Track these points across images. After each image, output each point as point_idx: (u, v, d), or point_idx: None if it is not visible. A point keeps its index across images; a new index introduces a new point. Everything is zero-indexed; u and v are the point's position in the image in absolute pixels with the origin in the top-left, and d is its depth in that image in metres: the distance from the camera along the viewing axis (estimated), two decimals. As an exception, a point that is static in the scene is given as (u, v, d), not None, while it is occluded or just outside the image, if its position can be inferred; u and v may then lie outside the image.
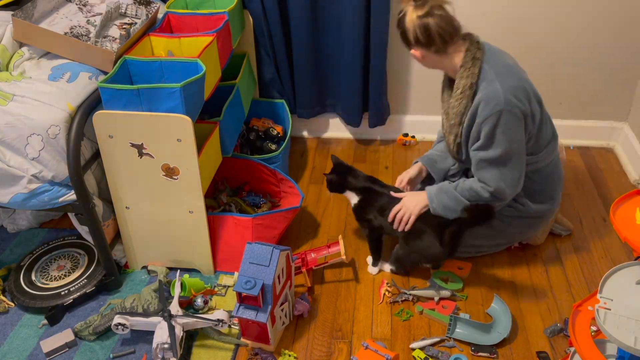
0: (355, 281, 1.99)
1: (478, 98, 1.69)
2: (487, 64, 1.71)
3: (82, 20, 1.98)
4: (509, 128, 1.67)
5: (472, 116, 1.72)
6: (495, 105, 1.65)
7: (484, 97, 1.68)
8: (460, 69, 1.73)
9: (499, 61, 1.73)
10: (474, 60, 1.71)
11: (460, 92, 1.73)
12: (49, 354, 1.73)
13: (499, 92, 1.65)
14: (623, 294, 1.25)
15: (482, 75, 1.70)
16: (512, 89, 1.67)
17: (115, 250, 2.00)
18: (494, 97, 1.66)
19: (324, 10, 2.39)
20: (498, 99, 1.65)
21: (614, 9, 2.31)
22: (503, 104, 1.65)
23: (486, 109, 1.67)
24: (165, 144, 1.71)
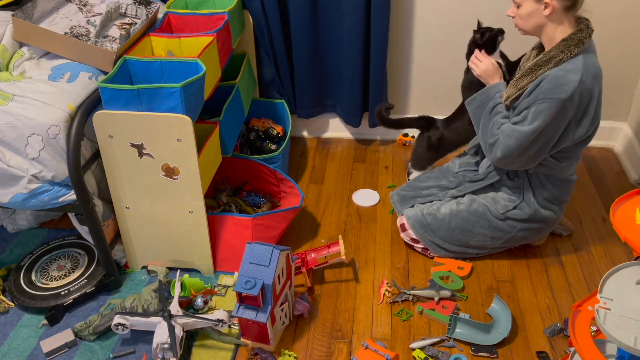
0: (355, 281, 1.99)
1: (553, 72, 1.66)
2: (585, 55, 1.66)
3: (82, 20, 1.98)
4: (556, 117, 1.66)
5: (535, 86, 1.69)
6: (560, 94, 1.62)
7: (557, 76, 1.64)
8: (562, 41, 1.66)
9: (594, 59, 1.68)
10: (578, 43, 1.65)
11: (545, 59, 1.69)
12: (49, 354, 1.73)
13: (573, 84, 1.62)
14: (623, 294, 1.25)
15: (573, 60, 1.65)
16: (587, 89, 1.64)
17: (115, 250, 2.00)
18: (566, 84, 1.62)
19: (324, 10, 2.39)
20: (567, 89, 1.62)
21: (614, 8, 2.31)
22: (568, 96, 1.62)
23: (550, 90, 1.64)
24: (165, 144, 1.71)
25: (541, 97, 1.66)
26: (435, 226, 1.97)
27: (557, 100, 1.63)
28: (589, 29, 1.69)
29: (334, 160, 2.65)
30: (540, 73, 1.70)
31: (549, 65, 1.68)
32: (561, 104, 1.63)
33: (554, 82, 1.64)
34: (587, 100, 1.67)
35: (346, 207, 2.34)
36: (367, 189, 2.44)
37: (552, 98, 1.64)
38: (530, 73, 1.73)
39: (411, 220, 2.01)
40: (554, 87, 1.64)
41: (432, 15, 2.42)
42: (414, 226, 2.01)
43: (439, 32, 2.46)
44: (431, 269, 2.01)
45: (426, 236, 1.99)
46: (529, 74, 1.73)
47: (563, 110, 1.65)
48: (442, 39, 2.48)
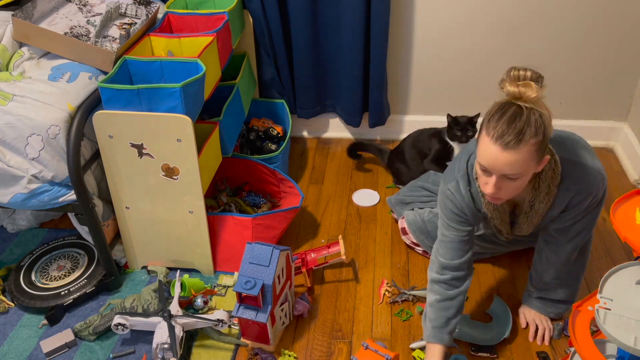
0: (355, 281, 1.99)
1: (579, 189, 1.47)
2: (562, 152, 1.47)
3: (82, 20, 1.98)
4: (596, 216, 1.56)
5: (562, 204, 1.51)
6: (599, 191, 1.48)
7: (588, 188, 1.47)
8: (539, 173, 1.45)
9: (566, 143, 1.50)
10: (553, 157, 1.45)
11: (545, 194, 1.48)
12: (49, 354, 1.73)
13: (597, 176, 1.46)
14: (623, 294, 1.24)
15: (566, 168, 1.46)
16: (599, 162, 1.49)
17: (115, 250, 2.00)
18: (597, 181, 1.47)
19: (324, 10, 2.39)
20: (601, 182, 1.47)
21: (614, 8, 2.31)
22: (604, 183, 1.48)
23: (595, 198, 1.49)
24: (165, 144, 1.71)
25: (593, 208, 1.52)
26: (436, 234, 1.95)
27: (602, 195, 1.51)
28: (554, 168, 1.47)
29: (334, 160, 2.65)
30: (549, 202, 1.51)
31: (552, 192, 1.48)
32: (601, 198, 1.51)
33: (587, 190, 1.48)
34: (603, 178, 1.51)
35: (346, 207, 2.34)
36: (368, 189, 2.44)
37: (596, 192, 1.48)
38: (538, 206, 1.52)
39: (412, 227, 2.01)
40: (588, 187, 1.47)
41: (432, 15, 2.42)
42: (414, 232, 2.00)
43: (439, 31, 2.46)
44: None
45: (427, 242, 1.99)
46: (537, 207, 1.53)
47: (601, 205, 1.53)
48: (442, 39, 2.48)
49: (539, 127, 1.28)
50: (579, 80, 2.51)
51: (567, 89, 2.55)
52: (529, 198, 1.52)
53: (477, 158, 1.37)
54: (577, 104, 2.58)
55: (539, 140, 1.29)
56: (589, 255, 1.73)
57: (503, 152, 1.29)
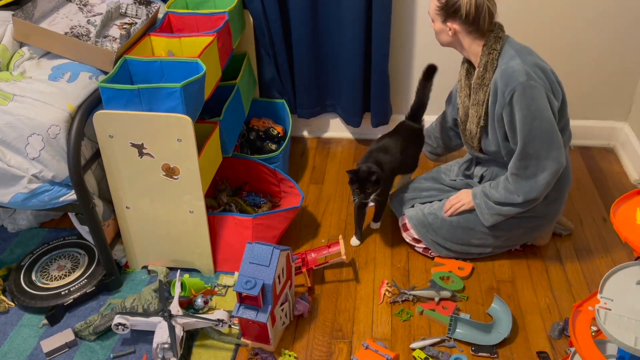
0: (355, 281, 1.99)
1: (497, 72, 1.71)
2: (509, 43, 1.74)
3: (82, 20, 1.98)
4: (535, 101, 1.67)
5: (494, 93, 1.73)
6: (517, 79, 1.65)
7: (503, 71, 1.69)
8: (483, 47, 1.74)
9: (520, 44, 1.76)
10: (496, 39, 1.73)
11: (482, 68, 1.75)
12: (49, 353, 1.73)
13: (520, 66, 1.66)
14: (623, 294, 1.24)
15: (503, 53, 1.72)
16: (532, 65, 1.69)
17: (115, 250, 2.00)
18: (514, 71, 1.67)
19: (325, 10, 2.39)
20: (519, 72, 1.66)
21: (614, 8, 2.31)
22: (526, 76, 1.65)
23: (507, 83, 1.67)
24: (165, 144, 1.71)
25: (506, 94, 1.68)
26: (437, 225, 1.96)
27: (519, 85, 1.65)
28: (497, 25, 1.76)
29: (334, 160, 2.65)
30: (487, 81, 1.75)
31: (487, 69, 1.75)
32: (526, 85, 1.65)
33: (505, 76, 1.69)
34: (542, 72, 1.70)
35: (346, 207, 2.34)
36: (368, 189, 2.44)
37: (514, 87, 1.66)
38: (479, 86, 1.77)
39: (413, 221, 2.01)
40: (509, 80, 1.67)
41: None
42: (415, 226, 2.01)
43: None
44: (432, 269, 2.01)
45: (428, 236, 1.99)
46: (479, 88, 1.78)
47: (532, 89, 1.66)
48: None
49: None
50: (579, 80, 2.51)
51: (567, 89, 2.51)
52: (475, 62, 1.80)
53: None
54: (577, 104, 2.58)
55: (441, 4, 1.73)
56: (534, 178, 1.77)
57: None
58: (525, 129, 1.69)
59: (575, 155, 2.59)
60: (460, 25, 1.74)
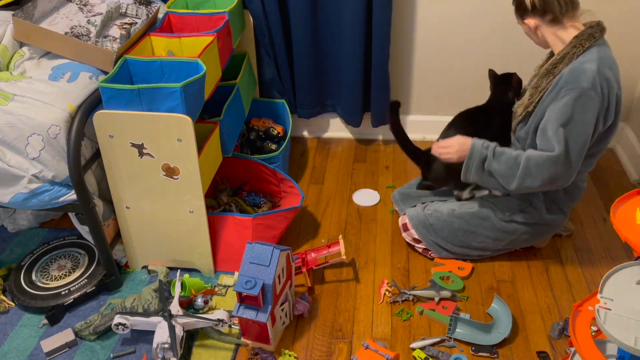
0: (355, 281, 1.99)
1: (568, 66, 1.66)
2: (598, 47, 1.66)
3: (82, 20, 1.98)
4: (584, 109, 1.61)
5: (555, 85, 1.68)
6: (581, 82, 1.60)
7: (574, 69, 1.64)
8: (573, 39, 1.67)
9: (609, 52, 1.69)
10: (589, 37, 1.66)
11: (560, 57, 1.69)
12: (49, 353, 1.73)
13: (590, 72, 1.60)
14: (623, 294, 1.24)
15: (587, 53, 1.65)
16: (604, 79, 1.62)
17: (115, 250, 2.00)
18: (583, 72, 1.61)
19: (325, 9, 2.39)
20: (587, 78, 1.60)
21: (613, 9, 2.31)
22: (590, 84, 1.59)
23: (570, 81, 1.62)
24: (165, 144, 1.71)
25: (563, 91, 1.63)
26: (438, 227, 1.96)
27: (579, 89, 1.60)
28: (599, 26, 1.69)
29: (335, 160, 2.65)
30: (557, 71, 1.69)
31: (563, 60, 1.68)
32: (585, 92, 1.60)
33: (572, 74, 1.63)
34: (608, 91, 1.63)
35: (346, 207, 2.34)
36: (368, 189, 2.44)
37: (574, 88, 1.61)
38: (547, 74, 1.73)
39: (414, 221, 2.01)
40: (574, 79, 1.62)
41: (433, 14, 2.42)
42: (416, 226, 2.00)
43: (440, 31, 2.46)
44: (432, 269, 2.01)
45: (429, 237, 1.99)
46: (546, 75, 1.73)
47: (588, 100, 1.60)
48: (443, 38, 2.48)
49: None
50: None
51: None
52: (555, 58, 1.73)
53: None
54: (578, 104, 2.58)
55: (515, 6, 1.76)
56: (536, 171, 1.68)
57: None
58: (558, 125, 1.63)
59: (575, 155, 2.59)
60: (536, 19, 1.70)
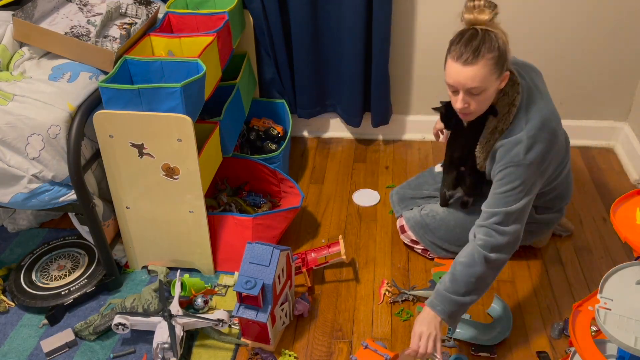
0: (355, 281, 1.99)
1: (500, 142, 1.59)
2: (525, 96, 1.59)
3: (82, 20, 1.98)
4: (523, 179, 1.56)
5: (492, 157, 1.63)
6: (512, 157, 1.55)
7: (506, 144, 1.57)
8: (498, 102, 1.59)
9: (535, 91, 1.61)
10: (511, 107, 1.57)
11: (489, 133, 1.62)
12: (49, 353, 1.73)
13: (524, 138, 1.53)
14: (623, 294, 1.25)
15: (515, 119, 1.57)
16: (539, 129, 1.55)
17: (115, 250, 2.00)
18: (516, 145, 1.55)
19: (325, 10, 2.39)
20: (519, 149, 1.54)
21: (613, 8, 2.31)
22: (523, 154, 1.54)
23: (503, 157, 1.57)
24: (165, 144, 1.71)
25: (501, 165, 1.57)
26: (434, 226, 1.96)
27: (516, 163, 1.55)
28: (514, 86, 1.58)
29: (334, 160, 2.65)
30: (489, 147, 1.63)
31: (494, 135, 1.61)
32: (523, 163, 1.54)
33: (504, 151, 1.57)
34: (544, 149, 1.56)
35: (346, 207, 2.34)
36: (368, 189, 2.44)
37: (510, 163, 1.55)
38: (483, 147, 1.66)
39: (410, 222, 2.01)
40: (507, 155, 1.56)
41: (433, 15, 2.42)
42: (413, 228, 2.00)
43: (441, 31, 2.46)
44: (432, 269, 2.01)
45: (426, 237, 1.99)
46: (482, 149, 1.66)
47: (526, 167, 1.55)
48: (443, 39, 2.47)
49: (494, 43, 1.47)
50: (579, 80, 2.51)
51: (567, 89, 2.55)
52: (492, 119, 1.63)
53: (445, 79, 1.56)
54: (577, 104, 2.58)
55: (495, 55, 1.47)
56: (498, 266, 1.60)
57: (464, 68, 1.48)
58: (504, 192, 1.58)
59: (575, 155, 2.59)
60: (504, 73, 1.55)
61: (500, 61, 1.49)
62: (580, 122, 2.62)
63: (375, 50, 2.40)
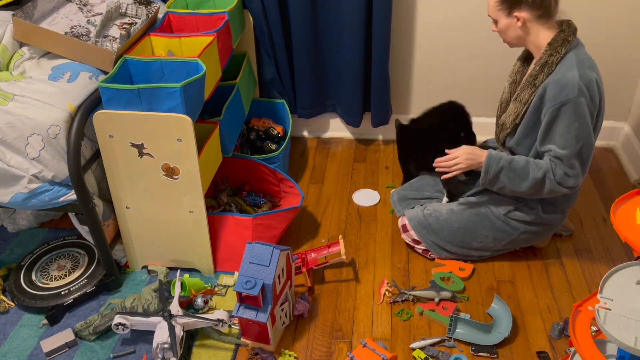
0: (355, 281, 1.99)
1: (551, 78, 1.67)
2: (575, 50, 1.69)
3: (82, 20, 1.98)
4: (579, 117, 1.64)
5: (540, 97, 1.70)
6: (569, 93, 1.62)
7: (557, 80, 1.65)
8: (548, 46, 1.70)
9: (585, 52, 1.71)
10: (564, 42, 1.68)
11: (539, 68, 1.71)
12: (49, 353, 1.73)
13: (574, 80, 1.62)
14: (623, 294, 1.24)
15: (564, 60, 1.68)
16: (588, 81, 1.64)
17: (115, 250, 2.00)
18: (568, 83, 1.63)
19: (325, 9, 2.39)
20: (572, 87, 1.62)
21: (613, 8, 2.31)
22: (577, 92, 1.62)
23: (557, 94, 1.64)
24: (165, 144, 1.71)
25: (552, 106, 1.65)
26: (437, 227, 1.96)
27: (569, 100, 1.63)
28: (570, 28, 1.72)
29: (334, 160, 2.65)
30: (539, 82, 1.71)
31: (543, 71, 1.71)
32: (575, 101, 1.62)
33: (557, 87, 1.65)
34: (594, 91, 1.66)
35: (346, 207, 2.34)
36: (368, 189, 2.44)
37: (563, 101, 1.63)
38: (529, 85, 1.74)
39: (413, 222, 2.01)
40: (559, 92, 1.64)
41: (433, 14, 2.42)
42: (415, 227, 2.00)
43: (441, 31, 2.46)
44: (432, 269, 2.01)
45: (428, 237, 1.99)
46: (528, 87, 1.75)
47: (579, 106, 1.63)
48: (443, 38, 2.48)
49: None
50: (579, 80, 2.51)
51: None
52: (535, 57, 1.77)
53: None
54: (578, 104, 2.58)
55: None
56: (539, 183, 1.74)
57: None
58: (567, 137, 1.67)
59: (575, 155, 2.59)
60: (529, 12, 1.68)
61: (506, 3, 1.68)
62: (580, 122, 2.61)
63: (375, 50, 2.40)
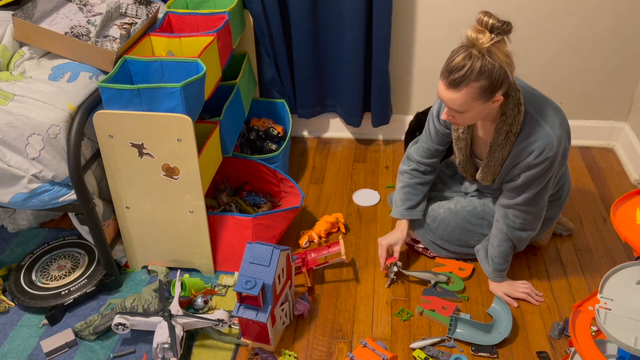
0: (356, 281, 1.99)
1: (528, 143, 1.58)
2: (525, 104, 1.59)
3: (82, 20, 1.98)
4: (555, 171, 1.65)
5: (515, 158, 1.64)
6: (549, 152, 1.57)
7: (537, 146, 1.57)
8: (502, 116, 1.58)
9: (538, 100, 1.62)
10: (518, 106, 1.57)
11: (503, 139, 1.61)
12: (49, 353, 1.73)
13: (552, 138, 1.56)
14: (623, 294, 1.25)
15: (527, 120, 1.58)
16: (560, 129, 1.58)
17: (115, 250, 2.00)
18: (548, 143, 1.57)
19: (325, 10, 2.39)
20: (551, 146, 1.57)
21: (613, 8, 2.31)
22: (556, 148, 1.57)
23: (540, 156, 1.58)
24: (165, 144, 1.71)
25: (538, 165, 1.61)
26: (434, 226, 1.96)
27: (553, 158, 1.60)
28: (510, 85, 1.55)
29: (335, 160, 2.65)
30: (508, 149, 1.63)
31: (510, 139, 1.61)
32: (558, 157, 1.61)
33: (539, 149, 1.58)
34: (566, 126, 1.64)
35: (346, 207, 2.34)
36: (368, 189, 2.44)
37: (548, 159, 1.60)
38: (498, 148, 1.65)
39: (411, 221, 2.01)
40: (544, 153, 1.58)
41: (433, 14, 2.42)
42: (413, 226, 2.00)
43: (441, 31, 2.46)
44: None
45: (426, 236, 1.99)
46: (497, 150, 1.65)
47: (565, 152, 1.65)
48: (443, 38, 2.48)
49: (483, 73, 1.42)
50: (580, 80, 2.51)
51: (567, 89, 2.55)
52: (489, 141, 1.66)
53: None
54: (578, 104, 2.58)
55: (482, 85, 1.44)
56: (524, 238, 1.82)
57: (446, 90, 1.49)
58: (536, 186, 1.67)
59: (575, 155, 2.59)
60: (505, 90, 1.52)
61: (489, 89, 1.45)
62: (580, 122, 2.62)
63: (375, 50, 2.40)
